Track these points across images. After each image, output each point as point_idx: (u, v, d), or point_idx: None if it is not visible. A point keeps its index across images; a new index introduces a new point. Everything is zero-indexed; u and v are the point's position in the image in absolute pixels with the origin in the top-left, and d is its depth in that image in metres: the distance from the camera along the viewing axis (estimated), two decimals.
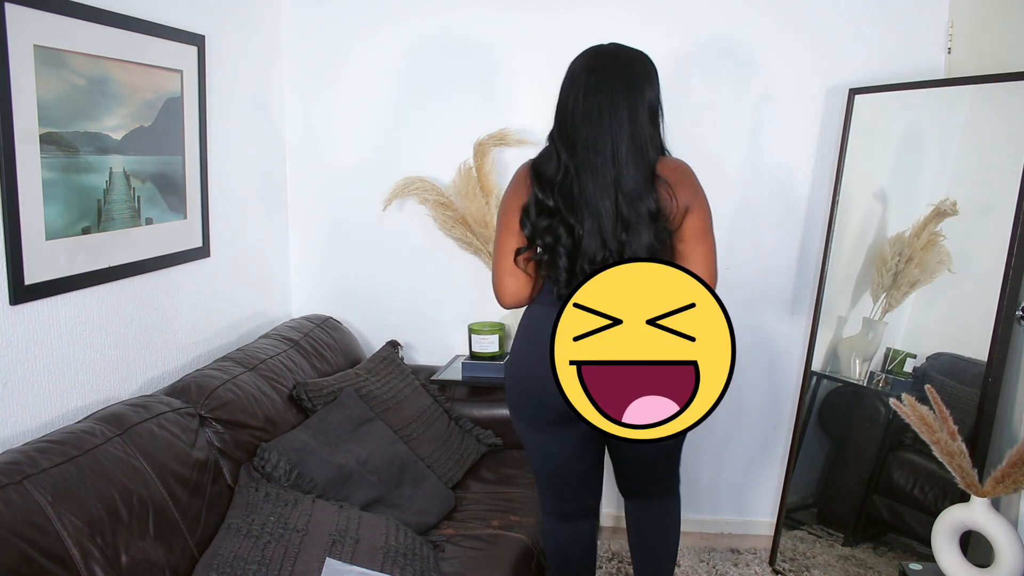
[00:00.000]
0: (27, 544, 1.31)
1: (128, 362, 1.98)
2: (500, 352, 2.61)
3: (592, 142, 1.65)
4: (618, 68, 1.69)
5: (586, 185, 1.66)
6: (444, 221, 2.68)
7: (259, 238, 2.70)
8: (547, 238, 1.70)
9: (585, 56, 1.74)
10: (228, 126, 2.44)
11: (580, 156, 1.66)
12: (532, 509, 2.18)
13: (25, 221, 1.61)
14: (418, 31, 2.73)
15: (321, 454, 2.01)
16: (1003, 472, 1.71)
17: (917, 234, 2.29)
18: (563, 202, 1.67)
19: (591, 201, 1.66)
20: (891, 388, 2.33)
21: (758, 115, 2.63)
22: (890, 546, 2.37)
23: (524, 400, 1.83)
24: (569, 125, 1.69)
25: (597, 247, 1.67)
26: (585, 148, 1.66)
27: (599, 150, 1.65)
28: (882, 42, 2.53)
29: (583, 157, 1.66)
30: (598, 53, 1.73)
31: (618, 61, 1.70)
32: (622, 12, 2.62)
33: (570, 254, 1.69)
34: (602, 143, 1.65)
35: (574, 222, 1.67)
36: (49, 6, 1.65)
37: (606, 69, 1.69)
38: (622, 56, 1.71)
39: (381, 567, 1.65)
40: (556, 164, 1.70)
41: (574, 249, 1.68)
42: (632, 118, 1.66)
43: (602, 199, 1.65)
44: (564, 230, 1.68)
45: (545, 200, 1.68)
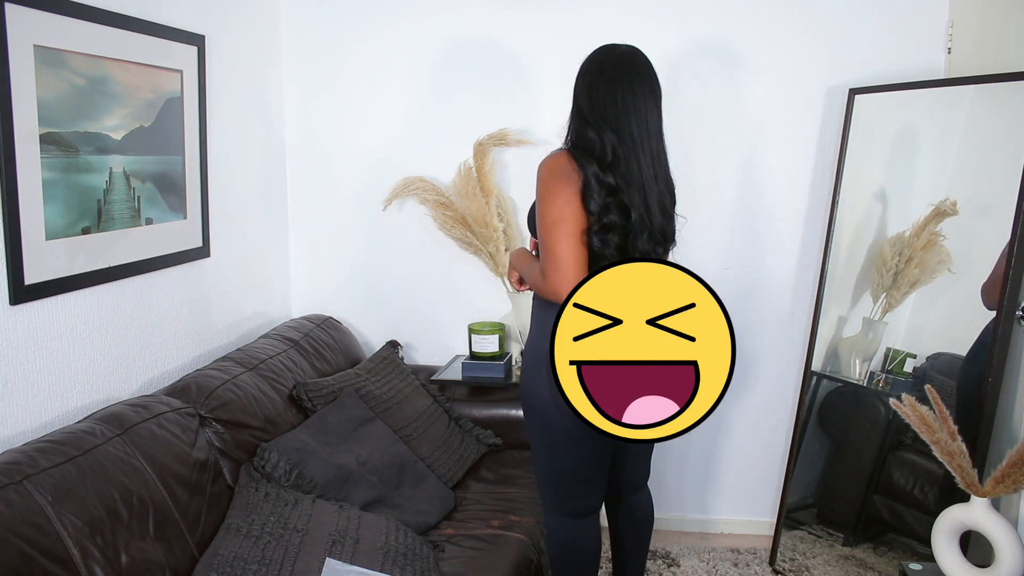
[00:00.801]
0: (27, 544, 1.31)
1: (128, 362, 1.98)
2: (500, 352, 2.61)
3: (634, 132, 1.69)
4: (644, 69, 1.73)
5: (639, 170, 1.69)
6: (444, 221, 2.68)
7: (259, 238, 2.70)
8: (611, 216, 1.68)
9: (607, 53, 1.76)
10: (228, 126, 2.44)
11: (627, 143, 1.68)
12: (532, 509, 2.18)
13: (25, 221, 1.61)
14: (418, 31, 2.73)
15: (321, 454, 2.01)
16: (1003, 472, 1.71)
17: (917, 234, 2.29)
18: (622, 182, 1.68)
19: (647, 184, 1.69)
20: (891, 388, 2.33)
21: (758, 115, 2.63)
22: (890, 546, 2.37)
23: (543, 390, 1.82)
24: (609, 114, 1.69)
25: (647, 236, 1.71)
26: (630, 137, 1.68)
27: (642, 142, 1.69)
28: (882, 42, 2.53)
29: (630, 144, 1.68)
30: (620, 51, 1.75)
31: (640, 63, 1.74)
32: (623, 12, 2.62)
33: (624, 234, 1.70)
34: (642, 136, 1.69)
35: (629, 203, 1.68)
36: (49, 6, 1.65)
37: (633, 67, 1.72)
38: (641, 58, 1.76)
39: (381, 567, 1.65)
40: (601, 146, 1.68)
41: (627, 230, 1.70)
42: (657, 117, 1.73)
43: (651, 186, 1.70)
44: (618, 211, 1.68)
45: (605, 178, 1.67)
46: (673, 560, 2.64)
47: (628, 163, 1.69)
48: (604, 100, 1.70)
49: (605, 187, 1.67)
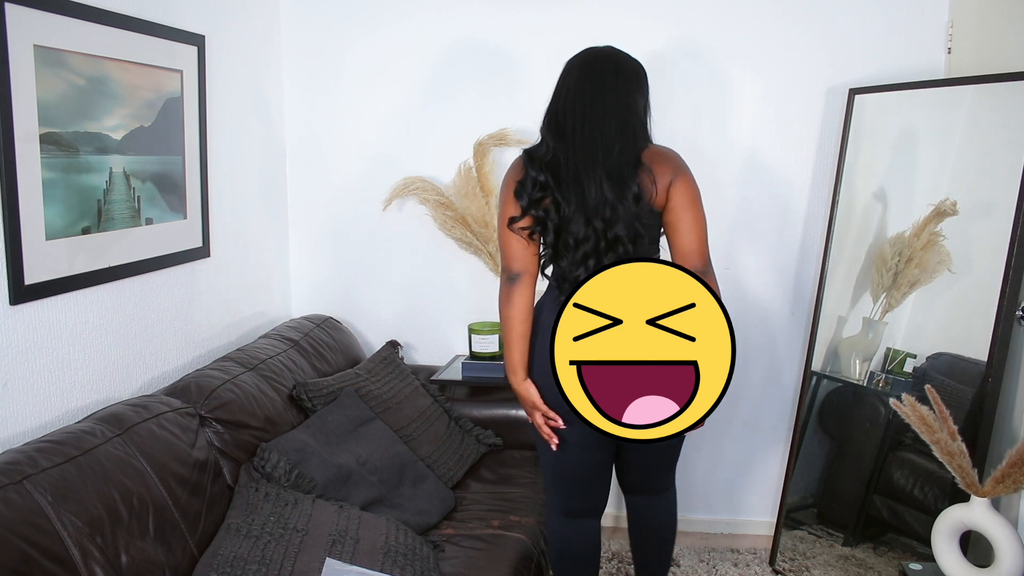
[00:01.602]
0: (27, 544, 1.31)
1: (128, 362, 1.98)
2: (500, 352, 2.61)
3: (580, 128, 1.72)
4: (609, 63, 1.77)
5: (572, 166, 1.71)
6: (444, 221, 2.67)
7: (259, 238, 2.70)
8: (539, 211, 1.74)
9: (580, 54, 1.82)
10: (228, 126, 2.44)
11: (568, 140, 1.72)
12: (532, 509, 2.18)
13: (25, 221, 1.61)
14: (418, 31, 2.73)
15: (321, 454, 2.01)
16: (1003, 472, 1.71)
17: (917, 234, 2.29)
18: (552, 179, 1.73)
19: (577, 180, 1.71)
20: (891, 388, 2.33)
21: (758, 115, 2.63)
22: (890, 546, 2.37)
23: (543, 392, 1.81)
24: (560, 113, 1.76)
25: (581, 224, 1.71)
26: (573, 133, 1.72)
27: (586, 135, 1.71)
28: (882, 42, 2.53)
29: (571, 141, 1.72)
30: (592, 51, 1.82)
31: (609, 58, 1.78)
32: (622, 11, 2.62)
33: (556, 229, 1.74)
34: (589, 128, 1.71)
35: (560, 199, 1.72)
36: (49, 6, 1.65)
37: (598, 64, 1.77)
38: (613, 54, 1.80)
39: (381, 567, 1.65)
40: (545, 148, 1.76)
41: (560, 224, 1.73)
42: (619, 107, 1.73)
43: (588, 180, 1.70)
44: (552, 205, 1.73)
45: (536, 176, 1.73)
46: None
47: (568, 158, 1.72)
48: (562, 98, 1.77)
49: (537, 185, 1.73)
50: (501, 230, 1.79)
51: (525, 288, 1.78)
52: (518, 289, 1.78)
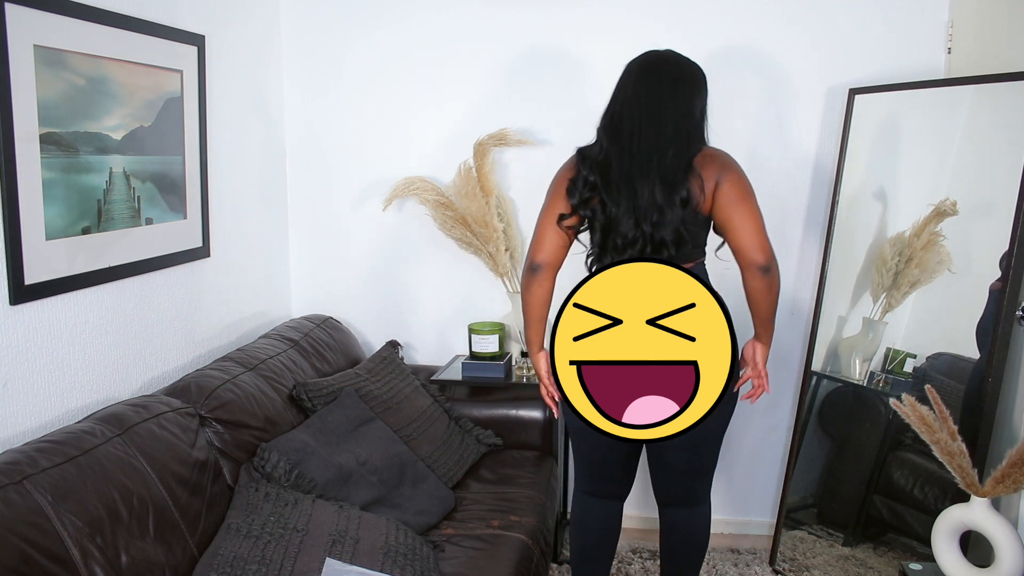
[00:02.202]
0: (27, 544, 1.31)
1: (128, 362, 1.98)
2: (500, 352, 2.61)
3: (636, 131, 1.74)
4: (668, 68, 1.80)
5: (625, 168, 1.74)
6: (444, 221, 2.67)
7: (259, 238, 2.70)
8: (587, 211, 1.78)
9: (640, 57, 1.85)
10: (228, 126, 2.44)
11: (623, 143, 1.75)
12: (532, 509, 2.18)
13: (25, 221, 1.61)
14: (418, 31, 2.73)
15: (321, 454, 2.01)
16: (1003, 472, 1.71)
17: (917, 234, 2.29)
18: (601, 180, 1.76)
19: (629, 182, 1.73)
20: (891, 388, 2.33)
21: (758, 115, 2.62)
22: (890, 546, 2.37)
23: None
24: (616, 115, 1.79)
25: (630, 226, 1.73)
26: (629, 136, 1.75)
27: (642, 138, 1.73)
28: (882, 42, 2.53)
29: (626, 144, 1.75)
30: (652, 54, 1.85)
31: (669, 62, 1.81)
32: (622, 11, 2.62)
33: (603, 229, 1.77)
34: (645, 132, 1.73)
35: (609, 200, 1.74)
36: (49, 6, 1.65)
37: (657, 68, 1.80)
38: (673, 58, 1.83)
39: (381, 567, 1.65)
40: (599, 148, 1.79)
41: (607, 225, 1.76)
42: (676, 112, 1.75)
43: (640, 183, 1.72)
44: (600, 206, 1.76)
45: (588, 175, 1.77)
46: None
47: (620, 160, 1.74)
48: (619, 100, 1.80)
49: (588, 185, 1.77)
50: (541, 221, 1.84)
51: (545, 279, 1.84)
52: (538, 279, 1.83)
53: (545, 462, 2.50)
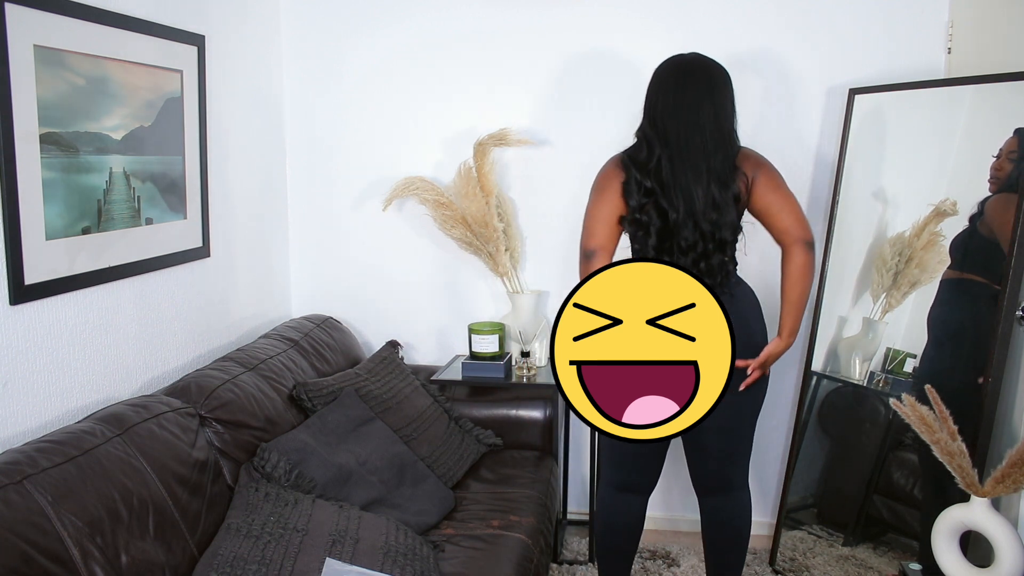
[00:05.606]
0: (27, 544, 1.31)
1: (128, 362, 1.98)
2: (500, 352, 2.61)
3: (683, 135, 1.80)
4: (703, 72, 1.85)
5: (680, 173, 1.79)
6: (444, 221, 2.67)
7: (259, 238, 2.70)
8: (643, 216, 1.82)
9: (670, 62, 1.90)
10: (228, 126, 2.44)
11: (672, 147, 1.80)
12: (532, 509, 2.18)
13: (25, 221, 1.61)
14: (418, 31, 2.73)
15: (321, 454, 2.01)
16: (1003, 472, 1.71)
17: (917, 234, 2.29)
18: (657, 185, 1.81)
19: (686, 187, 1.79)
20: (891, 388, 2.33)
21: (758, 115, 2.62)
22: (890, 546, 2.37)
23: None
24: (660, 119, 1.83)
25: (690, 229, 1.79)
26: (677, 140, 1.80)
27: (690, 142, 1.79)
28: (882, 42, 2.53)
29: (675, 148, 1.80)
30: (682, 59, 1.89)
31: (702, 67, 1.86)
32: (622, 11, 2.62)
33: (659, 233, 1.82)
34: (692, 135, 1.79)
35: (667, 206, 1.80)
36: (49, 6, 1.65)
37: (691, 72, 1.85)
38: (704, 63, 1.87)
39: (381, 567, 1.65)
40: (648, 153, 1.83)
41: (663, 229, 1.82)
42: (716, 114, 1.81)
43: (695, 185, 1.78)
44: (656, 212, 1.81)
45: (643, 181, 1.81)
46: (673, 560, 2.64)
47: (674, 165, 1.80)
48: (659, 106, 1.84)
49: (643, 189, 1.81)
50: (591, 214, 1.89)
51: (599, 263, 1.86)
52: (593, 264, 1.87)
53: (545, 462, 2.51)
